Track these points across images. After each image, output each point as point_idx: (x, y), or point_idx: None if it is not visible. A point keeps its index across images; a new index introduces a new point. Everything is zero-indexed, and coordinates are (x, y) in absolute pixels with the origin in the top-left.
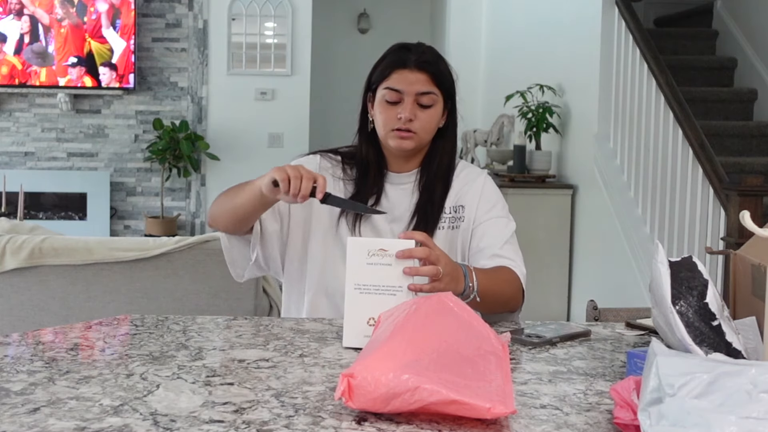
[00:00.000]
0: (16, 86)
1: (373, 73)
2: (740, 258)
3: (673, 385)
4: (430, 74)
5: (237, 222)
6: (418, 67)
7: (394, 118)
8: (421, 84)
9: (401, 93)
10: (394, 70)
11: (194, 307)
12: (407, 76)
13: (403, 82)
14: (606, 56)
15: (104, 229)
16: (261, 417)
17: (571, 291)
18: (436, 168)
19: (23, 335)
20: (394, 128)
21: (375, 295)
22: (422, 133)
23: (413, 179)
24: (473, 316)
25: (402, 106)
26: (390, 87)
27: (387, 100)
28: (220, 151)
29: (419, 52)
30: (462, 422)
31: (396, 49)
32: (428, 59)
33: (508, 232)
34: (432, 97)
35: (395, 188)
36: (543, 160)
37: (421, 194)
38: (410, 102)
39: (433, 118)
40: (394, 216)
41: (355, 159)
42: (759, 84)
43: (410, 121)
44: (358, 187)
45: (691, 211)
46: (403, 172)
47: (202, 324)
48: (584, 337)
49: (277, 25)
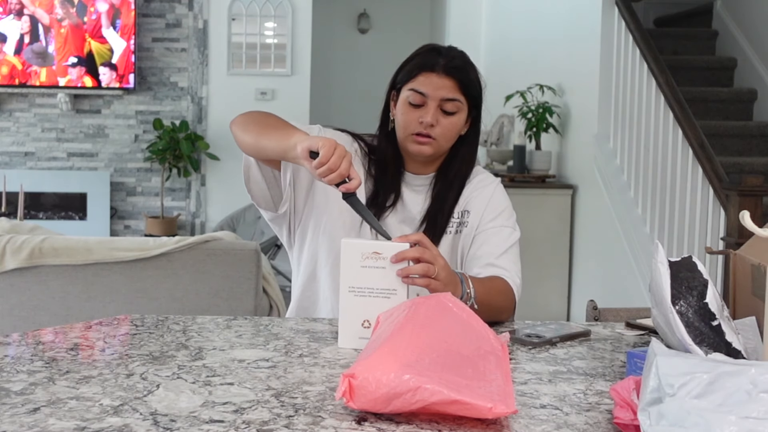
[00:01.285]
0: (16, 86)
1: (399, 72)
2: (740, 258)
3: (673, 385)
4: (458, 81)
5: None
6: (446, 72)
7: (415, 121)
8: (447, 90)
9: (426, 97)
10: (421, 73)
11: (194, 307)
12: (434, 81)
13: (429, 86)
14: (606, 56)
15: (104, 229)
16: (261, 417)
17: (571, 291)
18: (453, 176)
19: (23, 335)
20: (414, 132)
21: (369, 297)
22: (442, 140)
23: (428, 183)
24: (472, 316)
25: (425, 110)
26: (415, 89)
27: (410, 102)
28: (220, 151)
29: (449, 57)
30: (462, 422)
31: (426, 50)
32: (457, 65)
33: (510, 242)
34: (457, 105)
35: (410, 189)
36: (543, 160)
37: (433, 201)
38: (434, 107)
39: (455, 125)
40: (404, 217)
41: (375, 155)
42: (759, 84)
43: (431, 127)
44: (377, 186)
45: (691, 211)
46: (419, 175)
47: (202, 324)
48: (584, 337)
49: (277, 25)
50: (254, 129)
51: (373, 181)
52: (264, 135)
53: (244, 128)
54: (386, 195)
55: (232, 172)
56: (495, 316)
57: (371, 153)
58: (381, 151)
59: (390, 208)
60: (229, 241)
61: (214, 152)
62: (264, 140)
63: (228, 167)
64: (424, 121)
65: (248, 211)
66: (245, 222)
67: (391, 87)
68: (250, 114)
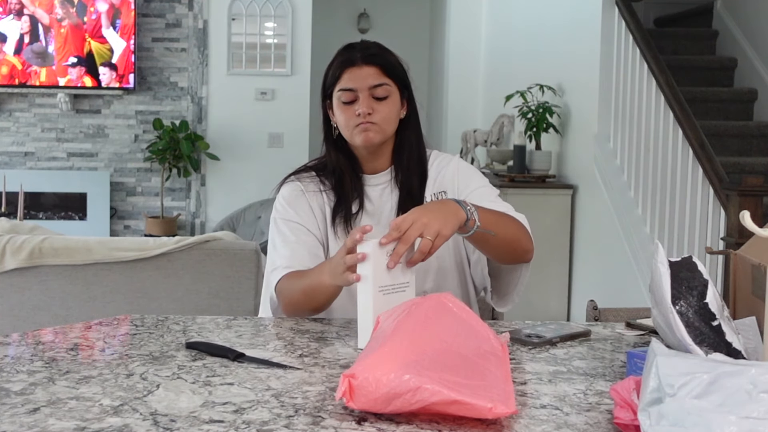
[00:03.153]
0: (16, 86)
1: (325, 80)
2: (740, 258)
3: (673, 385)
4: (379, 66)
5: (326, 307)
6: (365, 62)
7: (353, 115)
8: (372, 77)
9: (355, 91)
10: (344, 70)
11: (194, 307)
12: (357, 73)
13: (355, 80)
14: (606, 56)
15: (104, 229)
16: (261, 417)
17: (571, 291)
18: (407, 161)
19: (23, 335)
20: (356, 124)
21: (391, 294)
22: (384, 124)
23: (389, 177)
24: (472, 316)
25: (358, 103)
26: (343, 88)
27: (343, 101)
28: (220, 151)
29: (364, 47)
30: (462, 422)
31: (341, 50)
32: (374, 52)
33: (493, 194)
34: (386, 89)
35: (374, 189)
36: (543, 160)
37: (401, 191)
38: (366, 97)
39: (392, 108)
40: (378, 218)
41: (326, 169)
42: (759, 84)
43: (369, 115)
44: (338, 195)
45: (691, 211)
46: (377, 173)
47: (202, 324)
48: (584, 337)
49: (277, 25)
50: (299, 298)
51: (333, 192)
52: (315, 298)
53: (293, 305)
54: (349, 201)
55: (232, 172)
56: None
57: (320, 170)
58: (333, 160)
59: (358, 213)
60: (229, 241)
61: (214, 152)
62: (321, 299)
63: (228, 167)
64: (361, 111)
65: (248, 211)
66: (245, 222)
67: (323, 97)
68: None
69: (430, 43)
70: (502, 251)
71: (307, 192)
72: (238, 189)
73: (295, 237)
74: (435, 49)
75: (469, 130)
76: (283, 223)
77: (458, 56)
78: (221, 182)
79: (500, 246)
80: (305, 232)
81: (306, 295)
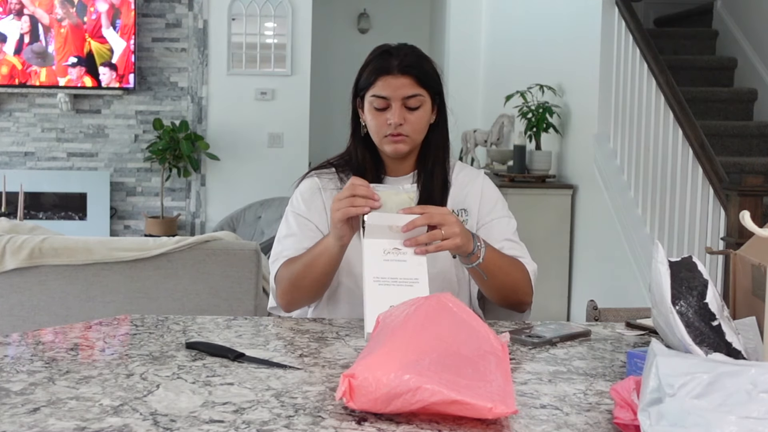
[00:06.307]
0: (16, 86)
1: (359, 80)
2: (740, 258)
3: (673, 385)
4: (415, 77)
5: (325, 286)
6: (401, 72)
7: (384, 124)
8: (406, 88)
9: (388, 99)
10: (379, 77)
11: (194, 307)
12: (392, 82)
13: (389, 89)
14: (606, 56)
15: (104, 229)
16: (261, 417)
17: (571, 291)
18: (432, 164)
19: (23, 335)
20: (386, 134)
21: (394, 286)
22: (414, 135)
23: (411, 181)
24: (472, 316)
25: (390, 111)
26: (376, 95)
27: (376, 107)
28: (220, 151)
29: (401, 56)
30: (462, 422)
31: (378, 54)
32: (411, 62)
33: (510, 230)
34: (419, 99)
35: None
36: (543, 160)
37: (421, 194)
38: (398, 107)
39: (423, 118)
40: None
41: (350, 165)
42: (759, 84)
43: (400, 126)
44: None
45: (691, 211)
46: (401, 176)
47: (202, 324)
48: (584, 337)
49: (277, 25)
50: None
51: None
52: (311, 269)
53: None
54: None
55: (232, 172)
56: (513, 289)
57: (341, 168)
58: (358, 158)
59: None
60: (229, 241)
61: (214, 152)
62: (317, 271)
63: (228, 167)
64: (393, 122)
65: (248, 211)
66: (245, 222)
67: (354, 95)
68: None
69: (430, 44)
70: (497, 294)
71: (324, 190)
72: (238, 189)
73: (300, 231)
74: (435, 50)
75: (469, 130)
76: (293, 216)
77: (458, 56)
78: (221, 182)
79: (496, 289)
80: (312, 229)
81: (306, 266)
